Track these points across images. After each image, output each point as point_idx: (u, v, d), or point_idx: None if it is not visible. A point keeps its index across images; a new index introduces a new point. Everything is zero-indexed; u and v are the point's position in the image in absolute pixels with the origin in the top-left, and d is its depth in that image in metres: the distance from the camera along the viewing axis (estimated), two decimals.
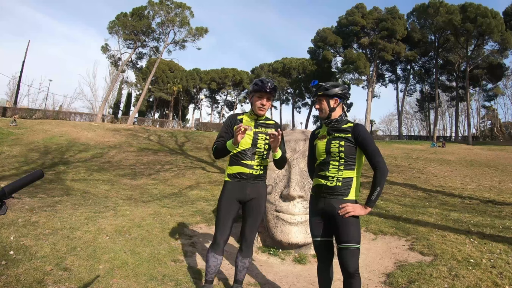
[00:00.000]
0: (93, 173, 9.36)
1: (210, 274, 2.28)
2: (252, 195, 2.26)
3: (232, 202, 2.23)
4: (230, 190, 2.24)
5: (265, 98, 2.23)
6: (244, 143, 2.22)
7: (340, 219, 1.88)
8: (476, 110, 40.59)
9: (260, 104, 2.23)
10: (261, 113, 2.27)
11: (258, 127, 2.29)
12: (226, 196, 2.25)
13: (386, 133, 49.67)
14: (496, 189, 9.03)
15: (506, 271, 2.79)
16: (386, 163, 1.89)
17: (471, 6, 28.76)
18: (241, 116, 2.33)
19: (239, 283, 2.39)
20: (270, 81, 2.23)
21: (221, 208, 2.24)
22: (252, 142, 2.24)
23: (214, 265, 2.24)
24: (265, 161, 2.32)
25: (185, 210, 5.10)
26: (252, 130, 2.25)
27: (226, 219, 2.22)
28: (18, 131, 16.34)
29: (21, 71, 31.09)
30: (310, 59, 39.31)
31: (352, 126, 1.97)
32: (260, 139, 2.26)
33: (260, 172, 2.27)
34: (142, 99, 31.63)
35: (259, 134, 2.26)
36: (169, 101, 43.92)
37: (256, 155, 2.25)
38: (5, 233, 3.01)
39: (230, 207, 2.23)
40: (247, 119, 2.32)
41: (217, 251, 2.22)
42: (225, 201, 2.24)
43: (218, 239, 2.22)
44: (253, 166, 2.24)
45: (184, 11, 29.73)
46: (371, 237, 4.13)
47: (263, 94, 2.22)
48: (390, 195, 7.70)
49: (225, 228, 2.22)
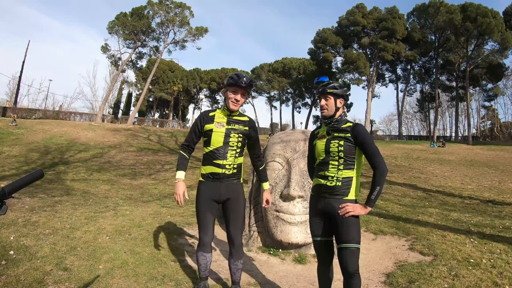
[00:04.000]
0: (93, 173, 9.36)
1: (203, 271, 2.35)
2: (227, 195, 2.23)
3: (208, 201, 2.22)
4: (204, 191, 2.23)
5: (240, 93, 2.17)
6: (215, 142, 2.18)
7: (340, 219, 1.88)
8: (476, 110, 40.67)
9: (234, 99, 2.17)
10: (234, 108, 2.20)
11: (230, 124, 2.22)
12: (201, 197, 2.23)
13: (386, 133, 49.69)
14: (496, 189, 9.02)
15: (506, 271, 2.78)
16: (386, 163, 1.89)
17: (471, 6, 28.76)
18: (213, 113, 2.26)
19: (236, 284, 2.41)
20: (246, 76, 2.17)
21: (199, 210, 2.23)
22: (224, 140, 2.19)
23: (204, 263, 2.30)
24: (239, 159, 2.26)
25: (185, 210, 5.10)
26: (224, 127, 2.20)
27: (206, 219, 2.22)
28: (18, 131, 16.34)
29: (21, 71, 31.12)
30: (311, 59, 39.29)
31: (351, 126, 1.97)
32: (233, 137, 2.20)
33: (233, 171, 2.22)
34: (142, 99, 31.63)
35: (231, 131, 2.21)
36: (169, 101, 43.92)
37: (228, 154, 2.19)
38: (5, 233, 3.01)
39: (208, 207, 2.22)
40: (220, 115, 2.24)
41: (204, 249, 2.26)
42: (201, 202, 2.23)
43: (203, 239, 2.24)
44: (226, 165, 2.19)
45: (184, 11, 29.73)
46: (371, 237, 4.13)
47: (237, 89, 2.15)
48: (390, 195, 7.70)
49: (207, 228, 2.23)
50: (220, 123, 2.20)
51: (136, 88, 42.25)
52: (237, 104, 2.19)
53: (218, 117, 2.23)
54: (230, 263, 2.35)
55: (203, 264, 2.30)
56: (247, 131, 2.27)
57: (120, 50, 31.89)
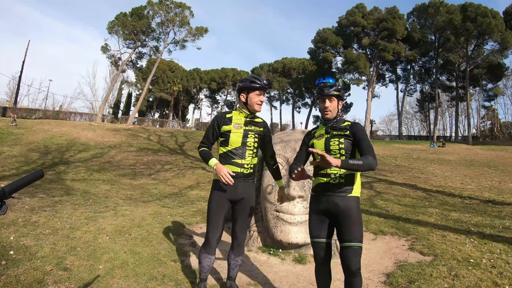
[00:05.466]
0: (93, 173, 9.36)
1: (204, 273, 2.32)
2: (243, 195, 2.26)
3: (223, 201, 2.23)
4: (221, 189, 2.23)
5: (262, 94, 2.27)
6: (234, 142, 2.22)
7: (343, 218, 1.88)
8: (476, 110, 40.67)
9: (259, 101, 2.25)
10: (259, 109, 2.29)
11: (247, 125, 2.27)
12: (217, 195, 2.24)
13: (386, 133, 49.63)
14: (496, 189, 9.02)
15: (506, 271, 2.79)
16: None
17: (471, 6, 28.76)
18: (230, 115, 2.30)
19: (232, 279, 2.44)
20: (263, 78, 2.27)
21: (212, 208, 2.23)
22: (242, 141, 2.23)
23: (207, 264, 2.28)
24: (255, 159, 2.32)
25: (185, 210, 5.10)
26: (242, 128, 2.25)
27: (218, 219, 2.22)
28: (18, 131, 16.34)
29: (21, 71, 31.13)
30: (310, 59, 39.29)
31: (350, 124, 2.01)
32: (250, 137, 2.26)
33: (250, 171, 2.28)
34: (142, 99, 31.64)
35: (249, 132, 2.26)
36: (169, 101, 43.91)
37: (246, 154, 2.24)
38: (5, 233, 3.00)
39: (222, 207, 2.23)
40: (237, 116, 2.29)
41: (209, 251, 2.24)
42: (216, 201, 2.23)
43: (210, 239, 2.23)
44: (244, 164, 2.24)
45: (184, 11, 29.74)
46: (371, 237, 4.13)
47: (261, 91, 2.25)
48: (390, 195, 7.70)
49: (217, 228, 2.22)
50: (238, 124, 2.25)
51: (136, 88, 42.29)
52: (261, 105, 2.29)
53: (235, 119, 2.27)
54: (230, 259, 2.38)
55: (206, 266, 2.28)
56: (262, 132, 2.34)
57: (120, 50, 31.94)
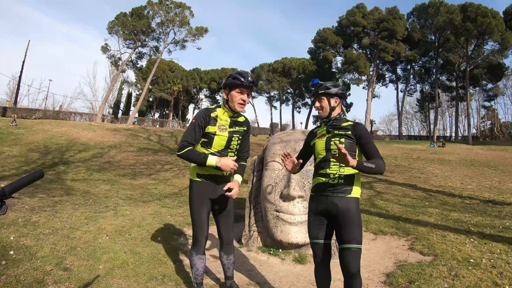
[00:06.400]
0: (93, 173, 9.36)
1: (199, 276, 2.24)
2: (222, 192, 2.17)
3: (204, 199, 2.19)
4: (200, 190, 2.18)
5: (246, 93, 2.10)
6: (217, 145, 2.12)
7: (342, 219, 1.86)
8: (476, 110, 40.69)
9: (241, 99, 2.09)
10: (242, 109, 2.14)
11: (232, 126, 2.15)
12: (197, 195, 2.17)
13: (386, 133, 49.66)
14: (496, 189, 9.02)
15: (506, 271, 2.78)
16: (386, 163, 1.90)
17: (471, 6, 28.76)
18: (215, 113, 2.12)
19: (231, 279, 2.39)
20: (249, 74, 2.09)
21: (194, 208, 2.18)
22: (226, 144, 2.14)
23: (201, 266, 2.21)
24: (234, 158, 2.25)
25: (185, 210, 5.10)
26: (227, 130, 2.13)
27: (202, 218, 2.18)
28: (18, 131, 16.34)
29: (21, 71, 31.14)
30: (310, 59, 39.28)
31: (351, 124, 1.97)
32: (234, 140, 2.16)
33: (231, 172, 2.21)
34: (142, 99, 31.65)
35: (233, 135, 2.15)
36: (169, 101, 43.91)
37: (228, 156, 2.16)
38: (5, 233, 3.01)
39: (203, 205, 2.18)
40: (222, 116, 2.13)
41: (200, 251, 2.19)
42: (197, 201, 2.18)
43: (199, 239, 2.18)
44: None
45: (184, 11, 29.76)
46: (371, 237, 4.13)
47: (243, 89, 2.08)
48: (390, 195, 7.69)
49: (203, 227, 2.18)
50: (223, 126, 2.12)
51: (136, 88, 42.28)
52: (244, 105, 2.13)
53: (220, 119, 2.13)
54: (223, 259, 2.32)
55: (200, 268, 2.21)
56: (245, 131, 2.26)
57: (120, 50, 32.00)
